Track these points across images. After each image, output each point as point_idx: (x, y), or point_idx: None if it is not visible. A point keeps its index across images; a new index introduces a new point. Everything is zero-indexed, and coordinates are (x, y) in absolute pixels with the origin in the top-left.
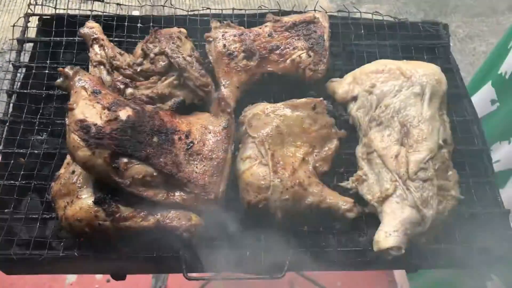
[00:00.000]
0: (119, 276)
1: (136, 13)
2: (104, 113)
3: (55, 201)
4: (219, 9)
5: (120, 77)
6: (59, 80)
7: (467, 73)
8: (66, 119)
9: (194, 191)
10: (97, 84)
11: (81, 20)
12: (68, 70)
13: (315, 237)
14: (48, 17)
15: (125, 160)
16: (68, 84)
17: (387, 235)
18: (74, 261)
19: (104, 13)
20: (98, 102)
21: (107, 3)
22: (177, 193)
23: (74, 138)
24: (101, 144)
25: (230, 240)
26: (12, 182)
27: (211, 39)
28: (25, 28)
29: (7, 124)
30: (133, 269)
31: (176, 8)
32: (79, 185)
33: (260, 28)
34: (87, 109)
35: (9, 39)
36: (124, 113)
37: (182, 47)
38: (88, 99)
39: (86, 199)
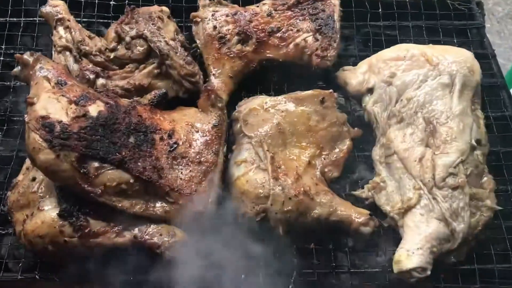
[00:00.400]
0: None
1: None
2: (71, 108)
3: (12, 214)
4: None
5: (90, 65)
6: (17, 69)
7: (506, 60)
8: (25, 115)
9: (179, 201)
10: (62, 73)
11: None
12: (27, 57)
13: (324, 256)
14: None
15: (96, 164)
16: (27, 73)
17: (410, 254)
18: (35, 286)
19: None
20: (63, 95)
21: None
22: (158, 204)
23: (35, 138)
24: (67, 146)
25: (221, 260)
26: None
27: (198, 20)
28: None
29: None
30: None
31: None
32: (41, 194)
33: (258, 6)
34: (50, 103)
35: None
36: (94, 109)
37: (164, 29)
38: (51, 91)
39: (49, 211)
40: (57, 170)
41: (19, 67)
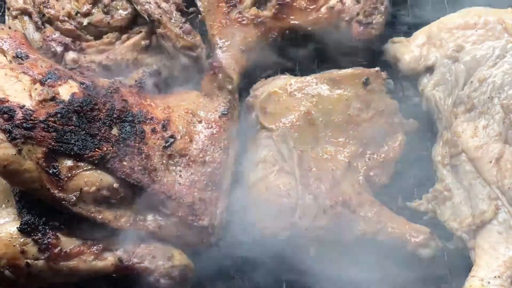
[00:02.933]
0: None
1: None
2: (35, 89)
3: None
4: None
5: (56, 34)
6: None
7: None
8: None
9: (177, 213)
10: (21, 44)
11: None
12: None
13: (371, 287)
14: None
15: (69, 163)
16: None
17: (485, 284)
18: None
19: None
20: (24, 73)
21: None
22: (149, 217)
23: None
24: (32, 138)
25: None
26: None
27: None
28: None
29: None
30: None
31: None
32: None
33: None
34: (8, 83)
35: None
36: (66, 90)
37: None
38: (9, 67)
39: (7, 224)
40: (18, 170)
41: None
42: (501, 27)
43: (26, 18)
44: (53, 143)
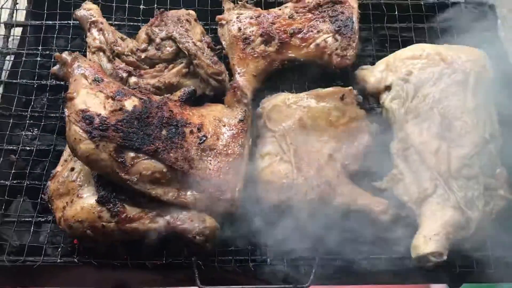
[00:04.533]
0: None
1: None
2: (108, 102)
3: (52, 202)
4: None
5: (122, 65)
6: (55, 68)
7: None
8: (66, 109)
9: (208, 190)
10: (98, 71)
11: (76, 1)
12: (65, 56)
13: (345, 244)
14: None
15: (132, 154)
16: (66, 71)
17: (427, 240)
18: (73, 270)
19: None
20: (100, 91)
21: None
22: (189, 192)
23: (76, 130)
24: (106, 137)
25: (248, 245)
26: (1, 181)
27: (224, 22)
28: (13, 10)
29: None
30: (138, 281)
31: None
32: (80, 183)
33: (280, 9)
34: (89, 98)
35: None
36: (130, 103)
37: (192, 31)
38: (89, 87)
39: (88, 198)
40: (96, 159)
41: (57, 65)
42: (438, 57)
43: (101, 53)
44: (120, 140)
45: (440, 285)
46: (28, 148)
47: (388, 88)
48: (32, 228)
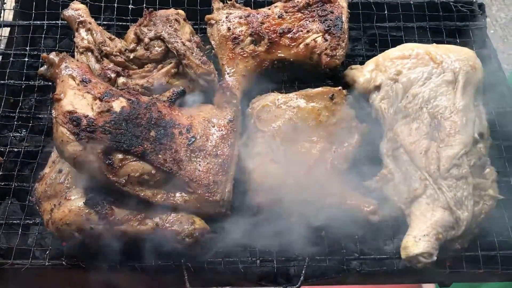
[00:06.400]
0: None
1: None
2: (96, 104)
3: (40, 204)
4: None
5: (111, 65)
6: (43, 68)
7: (510, 65)
8: (53, 111)
9: (197, 191)
10: (86, 72)
11: (64, 0)
12: (53, 56)
13: (335, 244)
14: None
15: (120, 156)
16: (53, 72)
17: (416, 240)
18: (62, 272)
19: None
20: (88, 92)
21: None
22: (178, 194)
23: (63, 131)
24: (93, 138)
25: (238, 246)
26: None
27: (213, 22)
28: (1, 10)
29: None
30: (127, 284)
31: None
32: (68, 185)
33: (269, 8)
34: (76, 99)
35: None
36: (117, 104)
37: (181, 31)
38: (77, 88)
39: (76, 200)
40: (84, 161)
41: (45, 66)
42: (427, 57)
43: (89, 54)
44: (108, 142)
45: (431, 285)
46: (16, 149)
47: (377, 88)
48: (20, 230)
